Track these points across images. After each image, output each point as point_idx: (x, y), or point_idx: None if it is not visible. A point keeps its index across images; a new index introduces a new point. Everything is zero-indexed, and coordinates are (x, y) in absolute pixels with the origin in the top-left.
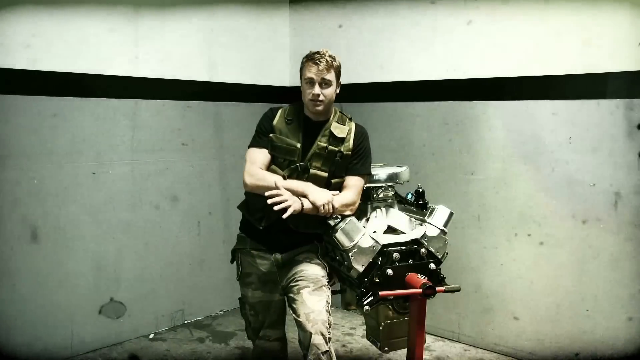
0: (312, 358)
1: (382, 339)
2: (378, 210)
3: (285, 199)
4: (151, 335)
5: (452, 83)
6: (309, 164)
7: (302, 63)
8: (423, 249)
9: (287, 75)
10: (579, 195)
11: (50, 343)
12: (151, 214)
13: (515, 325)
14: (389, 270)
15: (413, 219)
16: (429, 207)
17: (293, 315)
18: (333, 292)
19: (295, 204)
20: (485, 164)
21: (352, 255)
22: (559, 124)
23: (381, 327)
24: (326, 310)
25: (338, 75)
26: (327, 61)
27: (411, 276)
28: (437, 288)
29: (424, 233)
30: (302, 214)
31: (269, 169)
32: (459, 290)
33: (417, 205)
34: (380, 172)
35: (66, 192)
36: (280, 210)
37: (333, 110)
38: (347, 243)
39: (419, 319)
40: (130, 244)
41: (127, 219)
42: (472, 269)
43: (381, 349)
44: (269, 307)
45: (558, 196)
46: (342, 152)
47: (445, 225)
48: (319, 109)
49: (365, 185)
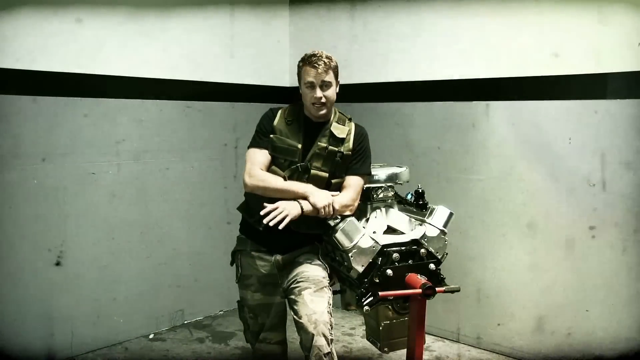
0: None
1: (382, 339)
2: (378, 210)
3: (280, 212)
4: (151, 335)
5: (452, 83)
6: (309, 165)
7: (299, 67)
8: (423, 250)
9: (287, 75)
10: (579, 195)
11: (50, 343)
12: (151, 214)
13: (515, 325)
14: (389, 271)
15: (413, 220)
16: (429, 208)
17: (294, 316)
18: (333, 292)
19: (293, 210)
20: (485, 164)
21: (351, 256)
22: (558, 124)
23: (381, 328)
24: (328, 312)
25: (337, 75)
26: (325, 63)
27: (411, 276)
28: (437, 288)
29: (424, 233)
30: (302, 215)
31: (270, 170)
32: (458, 291)
33: (417, 205)
34: (380, 173)
35: (66, 192)
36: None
37: (333, 110)
38: (346, 243)
39: (418, 319)
40: (130, 244)
41: (127, 219)
42: (472, 269)
43: (381, 349)
44: (269, 310)
45: (558, 196)
46: (343, 153)
47: (445, 225)
48: (323, 112)
49: (365, 186)
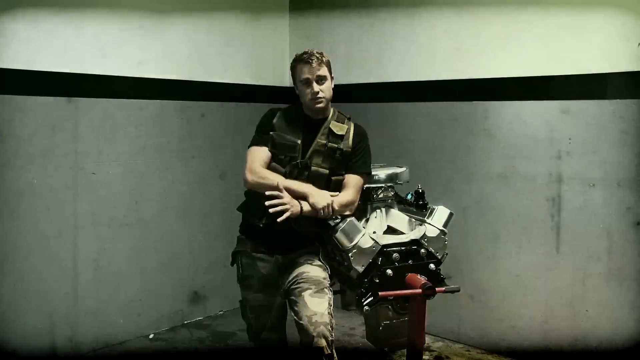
0: None
1: (382, 339)
2: (378, 210)
3: (284, 203)
4: (151, 336)
5: (452, 83)
6: (309, 161)
7: (292, 67)
8: (423, 250)
9: (287, 76)
10: (579, 196)
11: (51, 343)
12: (151, 214)
13: (516, 325)
14: (389, 271)
15: (413, 220)
16: (429, 208)
17: (295, 318)
18: (333, 292)
19: (294, 208)
20: (485, 164)
21: (351, 256)
22: (558, 124)
23: (381, 328)
24: (328, 313)
25: (330, 70)
26: (317, 57)
27: (411, 276)
28: (437, 288)
29: (424, 233)
30: (302, 215)
31: (270, 167)
32: (458, 291)
33: (417, 205)
34: (380, 173)
35: (66, 192)
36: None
37: (332, 109)
38: (347, 243)
39: (418, 319)
40: (130, 244)
41: (127, 219)
42: (472, 269)
43: (381, 350)
44: (270, 310)
45: (558, 196)
46: (342, 150)
47: (445, 225)
48: (321, 105)
49: (365, 186)
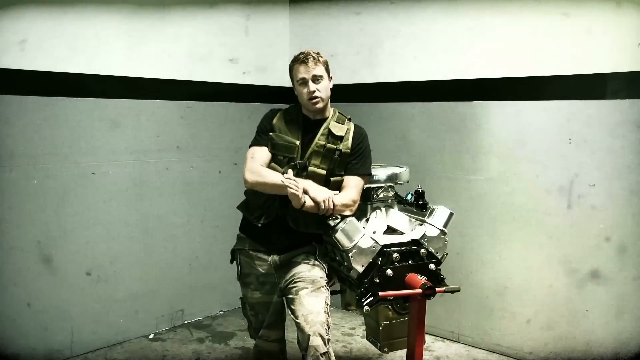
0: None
1: (382, 339)
2: (378, 210)
3: (298, 188)
4: (151, 336)
5: (452, 83)
6: (308, 162)
7: (290, 69)
8: (423, 250)
9: (287, 76)
10: (579, 196)
11: (50, 343)
12: (151, 214)
13: (515, 325)
14: (389, 271)
15: (413, 220)
16: (429, 208)
17: (291, 316)
18: (333, 292)
19: (301, 195)
20: (485, 164)
21: (352, 256)
22: (559, 124)
23: (381, 328)
24: (325, 312)
25: (327, 69)
26: (313, 57)
27: (411, 276)
28: (437, 288)
29: (424, 233)
30: (302, 212)
31: (269, 167)
32: (458, 291)
33: (417, 205)
34: (380, 173)
35: (66, 192)
36: (280, 205)
37: (332, 110)
38: (347, 243)
39: (418, 320)
40: (130, 244)
41: (126, 219)
42: (472, 269)
43: (381, 350)
44: (267, 308)
45: (558, 196)
46: (341, 150)
47: (445, 225)
48: (319, 105)
49: (365, 186)
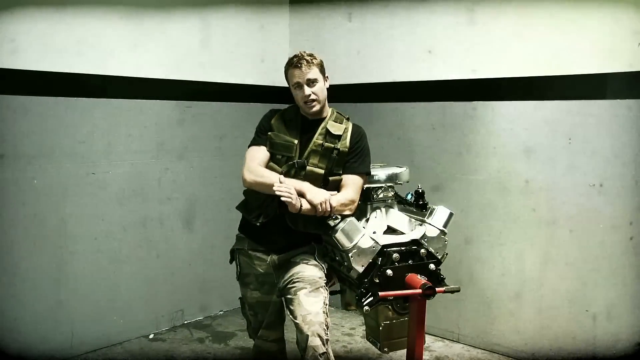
0: None
1: (381, 339)
2: (378, 210)
3: (291, 195)
4: (151, 336)
5: (452, 83)
6: (306, 161)
7: (285, 72)
8: (423, 250)
9: None
10: (579, 196)
11: (50, 343)
12: (151, 214)
13: (516, 325)
14: (389, 271)
15: (413, 220)
16: (429, 208)
17: (290, 316)
18: (333, 292)
19: (295, 200)
20: (485, 164)
21: (351, 256)
22: (559, 124)
23: (381, 328)
24: (323, 312)
25: (322, 70)
26: (306, 61)
27: (411, 277)
28: (437, 288)
29: (424, 233)
30: (300, 213)
31: (267, 166)
32: (458, 291)
33: (417, 205)
34: (380, 173)
35: (66, 192)
36: (279, 205)
37: (330, 109)
38: (346, 243)
39: (418, 320)
40: (130, 244)
41: (127, 219)
42: (472, 270)
43: (381, 350)
44: (266, 308)
45: (558, 196)
46: (339, 149)
47: (445, 225)
48: (315, 108)
49: (365, 186)
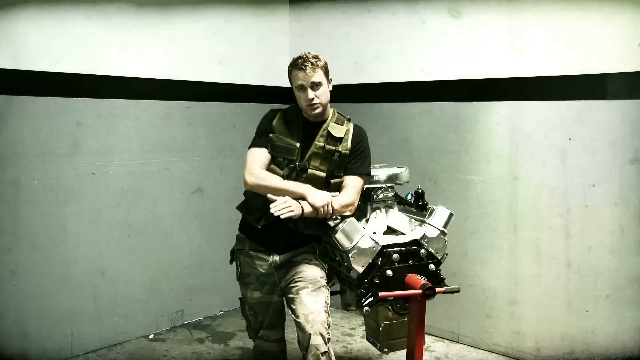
0: (311, 359)
1: (381, 339)
2: (378, 211)
3: (289, 205)
4: (151, 336)
5: (452, 83)
6: (307, 164)
7: (288, 71)
8: (423, 250)
9: (287, 76)
10: (579, 196)
11: (51, 343)
12: (151, 214)
13: (515, 325)
14: (389, 271)
15: (413, 220)
16: (429, 208)
17: (292, 316)
18: (333, 292)
19: (295, 210)
20: (485, 164)
21: (351, 256)
22: (558, 124)
23: (381, 328)
24: (325, 311)
25: (326, 73)
26: (311, 63)
27: (411, 277)
28: (437, 289)
29: (424, 234)
30: (303, 216)
31: (268, 169)
32: (458, 291)
33: (417, 206)
34: (380, 173)
35: (66, 192)
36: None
37: (331, 111)
38: (346, 244)
39: (418, 320)
40: (130, 244)
41: (127, 219)
42: (472, 270)
43: (381, 350)
44: (267, 308)
45: (558, 196)
46: (340, 152)
47: (445, 226)
48: (317, 111)
49: (365, 186)
